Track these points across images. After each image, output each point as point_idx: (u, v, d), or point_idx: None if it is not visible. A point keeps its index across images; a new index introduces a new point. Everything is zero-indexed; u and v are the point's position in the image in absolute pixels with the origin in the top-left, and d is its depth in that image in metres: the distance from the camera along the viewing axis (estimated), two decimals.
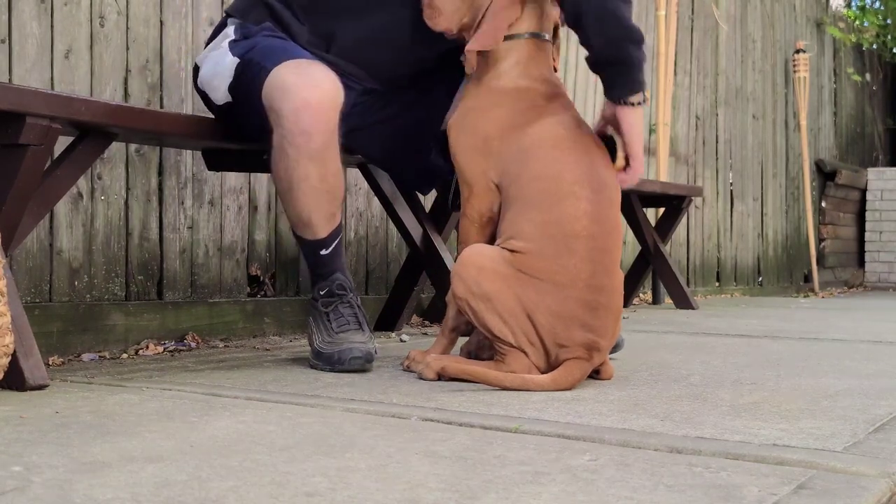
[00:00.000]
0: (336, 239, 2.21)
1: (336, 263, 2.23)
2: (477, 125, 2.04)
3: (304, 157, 2.06)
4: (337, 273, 2.23)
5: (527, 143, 1.99)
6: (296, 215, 2.16)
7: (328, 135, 2.06)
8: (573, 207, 1.92)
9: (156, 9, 2.74)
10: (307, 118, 2.02)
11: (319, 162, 2.07)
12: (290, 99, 2.02)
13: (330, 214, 2.17)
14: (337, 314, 2.19)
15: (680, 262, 5.70)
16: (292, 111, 2.02)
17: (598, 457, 1.30)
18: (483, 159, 2.02)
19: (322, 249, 2.20)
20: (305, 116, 2.02)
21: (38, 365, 1.83)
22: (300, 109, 2.02)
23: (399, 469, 1.21)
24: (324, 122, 2.04)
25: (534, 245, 1.91)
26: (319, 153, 2.06)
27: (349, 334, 2.15)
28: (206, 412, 1.60)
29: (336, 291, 2.21)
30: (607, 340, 1.93)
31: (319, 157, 2.06)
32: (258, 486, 1.12)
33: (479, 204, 2.04)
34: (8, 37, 2.37)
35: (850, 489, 1.15)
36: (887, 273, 8.18)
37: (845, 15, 8.44)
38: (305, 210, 2.14)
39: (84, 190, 2.54)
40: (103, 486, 1.10)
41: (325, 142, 2.06)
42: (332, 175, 2.11)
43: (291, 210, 2.16)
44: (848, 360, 2.47)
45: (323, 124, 2.04)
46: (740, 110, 6.58)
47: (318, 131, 2.03)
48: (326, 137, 2.05)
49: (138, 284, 2.70)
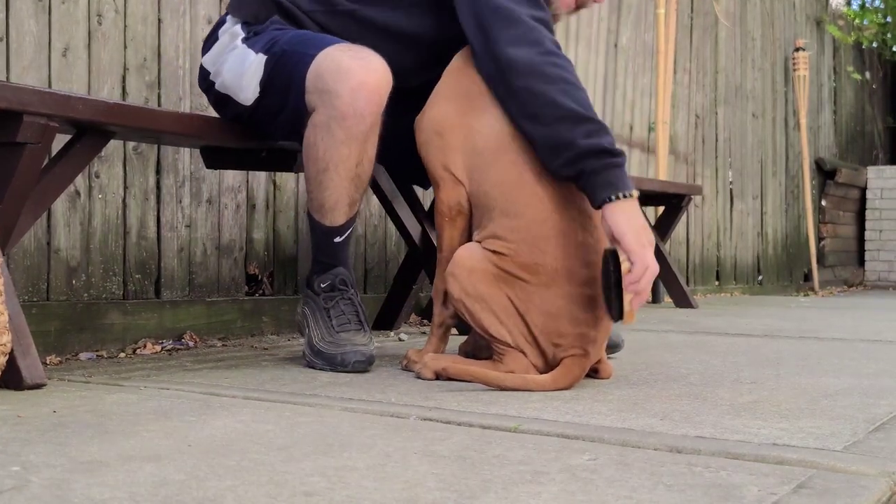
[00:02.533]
0: (350, 228, 2.20)
1: (343, 255, 2.22)
2: (432, 118, 2.07)
3: (351, 139, 2.06)
4: (341, 267, 2.22)
5: (481, 145, 1.99)
6: (322, 199, 2.14)
7: (377, 118, 2.07)
8: (536, 210, 1.92)
9: (154, 7, 2.74)
10: (363, 99, 2.03)
11: (362, 145, 2.08)
12: (347, 79, 2.03)
13: (353, 201, 2.16)
14: (338, 311, 2.17)
15: (679, 260, 5.70)
16: (349, 91, 2.02)
17: (597, 456, 1.30)
18: (441, 154, 2.04)
19: (337, 237, 2.19)
20: (362, 97, 2.03)
21: (36, 364, 1.83)
22: (356, 90, 2.02)
23: (397, 468, 1.21)
24: (377, 105, 2.05)
25: (510, 248, 1.92)
26: (365, 136, 2.07)
27: (351, 335, 2.14)
28: (204, 411, 1.60)
29: (338, 286, 2.20)
30: (601, 333, 1.92)
31: (364, 140, 2.07)
32: (256, 485, 1.11)
33: (446, 197, 2.06)
34: (5, 35, 2.36)
35: (850, 489, 1.15)
36: (887, 272, 8.18)
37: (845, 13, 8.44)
38: (335, 194, 2.12)
39: (82, 188, 2.53)
40: (101, 486, 1.10)
41: (374, 125, 2.07)
42: (368, 161, 2.12)
43: (319, 193, 2.14)
44: (848, 360, 2.46)
45: (376, 106, 2.05)
46: (740, 108, 6.58)
47: (370, 113, 2.05)
48: (375, 120, 2.07)
49: (136, 283, 2.69)
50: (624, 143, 5.25)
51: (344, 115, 2.04)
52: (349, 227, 2.20)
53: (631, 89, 5.31)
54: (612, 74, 5.14)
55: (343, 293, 2.20)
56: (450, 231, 2.07)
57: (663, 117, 5.10)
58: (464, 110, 2.02)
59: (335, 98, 2.03)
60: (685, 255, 5.81)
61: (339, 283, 2.20)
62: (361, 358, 2.10)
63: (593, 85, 4.98)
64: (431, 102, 2.09)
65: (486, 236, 1.96)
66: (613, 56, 5.16)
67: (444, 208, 2.07)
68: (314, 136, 2.09)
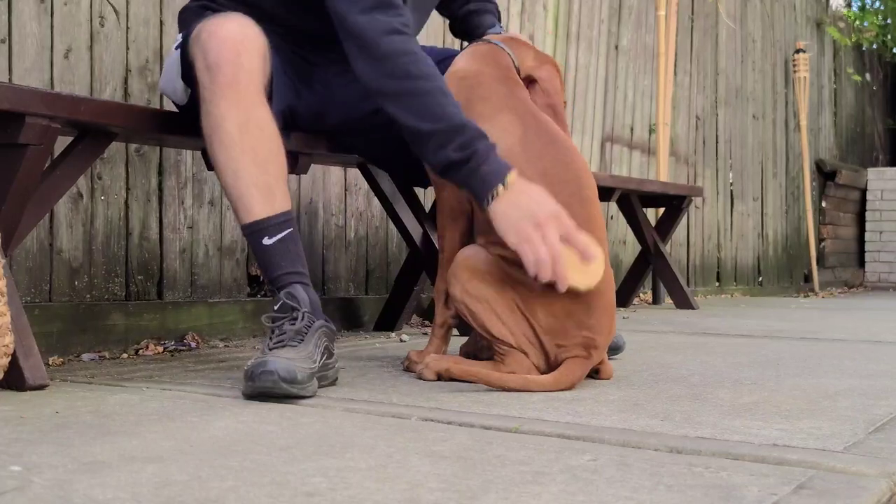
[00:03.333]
0: (283, 231, 1.88)
1: (285, 263, 1.88)
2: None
3: (216, 97, 1.85)
4: (292, 283, 1.87)
5: None
6: (223, 185, 1.89)
7: (239, 69, 1.85)
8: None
9: (156, 9, 2.74)
10: (213, 48, 1.86)
11: (235, 103, 1.85)
12: (199, 40, 1.89)
13: (264, 186, 1.87)
14: (280, 331, 1.82)
15: (680, 262, 5.70)
16: (200, 49, 1.88)
17: (597, 457, 1.30)
18: None
19: (263, 237, 1.87)
20: (212, 47, 1.86)
21: (38, 365, 1.83)
22: (205, 42, 1.87)
23: (399, 469, 1.21)
24: (232, 53, 1.86)
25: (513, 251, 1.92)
26: (232, 90, 1.85)
27: (279, 350, 1.76)
28: (207, 412, 1.60)
29: (289, 304, 1.84)
30: (604, 337, 1.93)
31: (234, 97, 1.85)
32: (258, 485, 1.12)
33: (449, 198, 2.06)
34: (8, 36, 2.37)
35: (850, 489, 1.15)
36: (887, 273, 8.18)
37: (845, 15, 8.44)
38: (229, 171, 1.86)
39: (84, 190, 2.54)
40: (103, 486, 1.10)
41: (236, 76, 1.85)
42: (257, 127, 1.87)
43: (220, 178, 1.90)
44: (848, 360, 2.47)
45: (231, 54, 1.85)
46: (740, 110, 6.58)
47: (225, 61, 1.85)
48: (236, 71, 1.85)
49: (138, 284, 2.70)
50: (625, 145, 5.26)
51: (200, 71, 1.88)
52: (280, 228, 1.88)
53: (632, 91, 5.32)
54: (612, 76, 5.14)
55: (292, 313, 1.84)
56: (451, 232, 2.07)
57: (664, 119, 5.10)
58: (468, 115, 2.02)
59: (194, 62, 1.90)
60: (686, 257, 5.81)
61: (288, 302, 1.85)
62: (271, 369, 1.69)
63: (594, 86, 4.99)
64: None
65: (491, 240, 1.96)
66: (614, 58, 5.16)
67: (446, 209, 2.08)
68: (200, 110, 1.91)
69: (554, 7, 4.68)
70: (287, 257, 1.89)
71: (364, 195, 3.45)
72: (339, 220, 3.36)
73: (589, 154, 4.93)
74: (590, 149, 4.94)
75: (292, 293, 1.85)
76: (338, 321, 3.24)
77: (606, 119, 5.09)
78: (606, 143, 5.09)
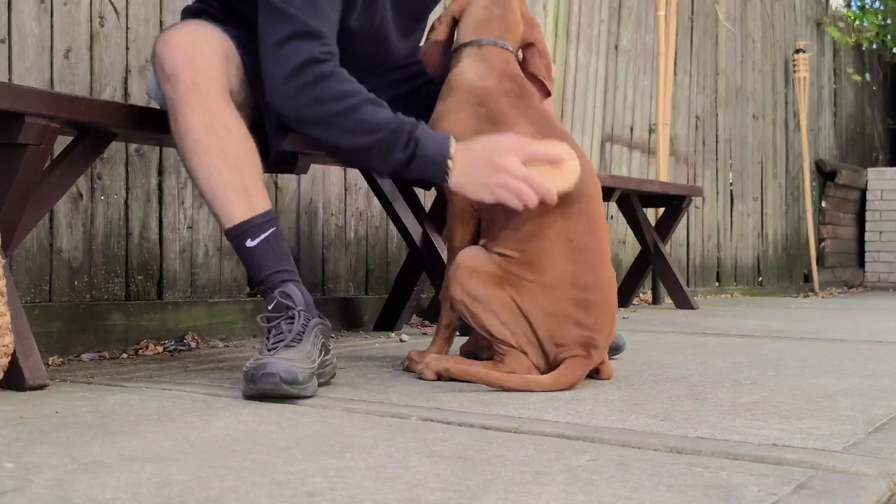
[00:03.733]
0: (265, 231, 1.86)
1: (271, 263, 1.87)
2: (447, 130, 2.05)
3: (179, 104, 1.85)
4: (284, 282, 1.86)
5: None
6: (200, 192, 1.89)
7: (196, 73, 1.84)
8: (543, 214, 1.92)
9: (155, 9, 2.74)
10: (168, 58, 1.85)
11: (198, 108, 1.84)
12: (156, 52, 1.88)
13: (240, 188, 1.86)
14: (277, 330, 1.82)
15: (680, 262, 5.70)
16: (158, 60, 1.87)
17: (597, 457, 1.30)
18: None
19: (246, 240, 1.86)
20: (167, 57, 1.85)
21: (38, 365, 1.83)
22: (161, 52, 1.87)
23: (399, 469, 1.21)
24: (186, 59, 1.84)
25: (516, 252, 1.93)
26: (193, 96, 1.84)
27: (278, 350, 1.77)
28: (206, 412, 1.60)
29: (284, 303, 1.84)
30: (604, 337, 1.94)
31: (195, 103, 1.84)
32: (258, 485, 1.12)
33: (460, 201, 2.06)
34: (7, 36, 2.37)
35: (850, 489, 1.15)
36: (887, 273, 8.19)
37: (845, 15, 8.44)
38: (203, 177, 1.85)
39: (84, 190, 2.54)
40: (103, 486, 1.10)
41: (195, 81, 1.84)
42: (224, 128, 1.85)
43: (196, 186, 1.90)
44: (848, 360, 2.47)
45: (185, 61, 1.84)
46: (740, 110, 6.58)
47: (181, 68, 1.84)
48: (194, 76, 1.84)
49: (138, 284, 2.70)
50: (625, 145, 5.26)
51: (162, 82, 1.88)
52: (262, 229, 1.87)
53: (631, 91, 5.32)
54: (612, 76, 5.14)
55: (288, 312, 1.84)
56: (462, 233, 2.07)
57: (664, 119, 5.11)
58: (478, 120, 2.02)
59: (157, 71, 1.90)
60: (685, 257, 5.81)
61: (281, 301, 1.84)
62: (272, 371, 1.69)
63: (594, 86, 4.99)
64: (441, 115, 2.08)
65: (493, 240, 1.97)
66: (614, 58, 5.16)
67: (457, 211, 2.07)
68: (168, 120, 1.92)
69: (554, 7, 4.68)
70: (272, 257, 1.88)
71: (364, 195, 3.45)
72: (339, 220, 3.37)
73: (589, 154, 4.93)
74: (590, 149, 4.94)
75: (286, 292, 1.85)
76: (338, 321, 3.24)
77: (606, 119, 5.09)
78: (606, 142, 5.09)
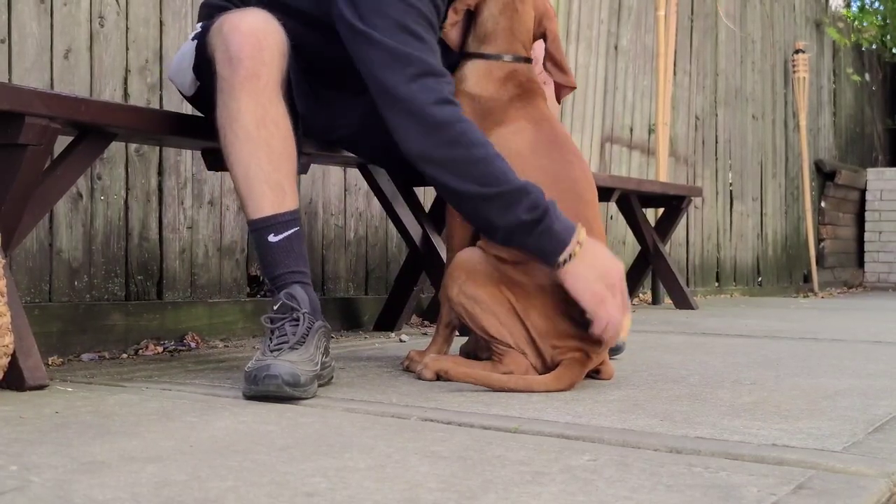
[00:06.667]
0: (289, 229, 1.88)
1: (288, 262, 1.88)
2: None
3: (235, 89, 1.85)
4: (293, 283, 1.86)
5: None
6: (234, 178, 1.89)
7: (260, 64, 1.85)
8: None
9: (155, 9, 2.74)
10: (235, 41, 1.85)
11: (253, 97, 1.85)
12: (221, 32, 1.88)
13: (276, 183, 1.86)
14: (281, 332, 1.81)
15: (679, 262, 5.70)
16: (222, 41, 1.87)
17: (597, 457, 1.30)
18: None
19: (270, 234, 1.87)
20: (234, 40, 1.85)
21: (38, 365, 1.83)
22: (227, 34, 1.86)
23: (398, 469, 1.21)
24: (254, 47, 1.85)
25: (512, 252, 1.92)
26: (251, 84, 1.84)
27: (280, 352, 1.76)
28: (206, 412, 1.60)
29: (289, 305, 1.83)
30: None
31: (252, 91, 1.85)
32: (258, 485, 1.12)
33: None
34: (7, 37, 2.37)
35: (850, 489, 1.15)
36: (887, 273, 8.19)
37: (844, 15, 8.44)
38: (241, 165, 1.86)
39: (84, 190, 2.54)
40: (103, 486, 1.10)
41: (257, 70, 1.85)
42: (273, 122, 1.87)
43: (231, 171, 1.89)
44: (847, 360, 2.47)
45: (253, 48, 1.85)
46: (740, 110, 6.58)
47: (247, 55, 1.84)
48: (257, 65, 1.85)
49: (138, 284, 2.70)
50: (624, 145, 5.26)
51: (221, 63, 1.87)
52: (286, 227, 1.87)
53: (631, 91, 5.32)
54: (612, 76, 5.14)
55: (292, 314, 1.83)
56: (461, 234, 2.07)
57: (663, 119, 5.11)
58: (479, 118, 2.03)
59: (214, 54, 1.89)
60: (685, 257, 5.82)
61: (287, 304, 1.83)
62: (275, 373, 1.70)
63: (593, 86, 4.99)
64: None
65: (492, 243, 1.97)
66: (614, 58, 5.16)
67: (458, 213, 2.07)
68: (216, 102, 1.91)
69: (553, 7, 4.68)
70: (291, 256, 1.88)
71: (364, 195, 3.45)
72: (339, 220, 3.37)
73: (588, 154, 4.93)
74: (589, 149, 4.94)
75: (292, 293, 1.84)
76: (337, 321, 3.24)
77: (606, 119, 5.09)
78: (606, 143, 5.09)
